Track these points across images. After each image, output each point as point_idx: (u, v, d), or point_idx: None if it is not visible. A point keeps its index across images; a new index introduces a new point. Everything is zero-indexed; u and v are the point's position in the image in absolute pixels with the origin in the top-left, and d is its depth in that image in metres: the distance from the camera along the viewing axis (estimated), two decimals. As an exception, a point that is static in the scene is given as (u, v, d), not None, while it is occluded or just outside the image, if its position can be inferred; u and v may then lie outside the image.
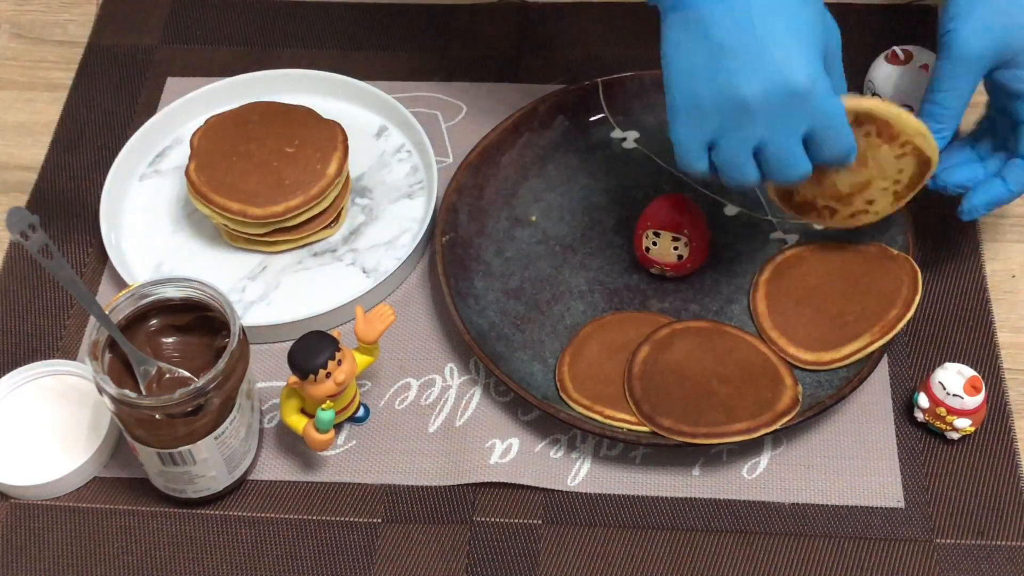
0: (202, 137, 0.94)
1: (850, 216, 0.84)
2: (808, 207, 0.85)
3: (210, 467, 0.78)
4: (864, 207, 0.83)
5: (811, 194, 0.84)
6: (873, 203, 0.83)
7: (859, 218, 0.84)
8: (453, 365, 0.88)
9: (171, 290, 0.78)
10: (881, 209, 0.84)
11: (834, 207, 0.84)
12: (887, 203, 0.83)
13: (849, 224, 0.85)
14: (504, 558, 0.79)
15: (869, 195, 0.83)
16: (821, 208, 0.84)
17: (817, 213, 0.85)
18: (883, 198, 0.83)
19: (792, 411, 0.80)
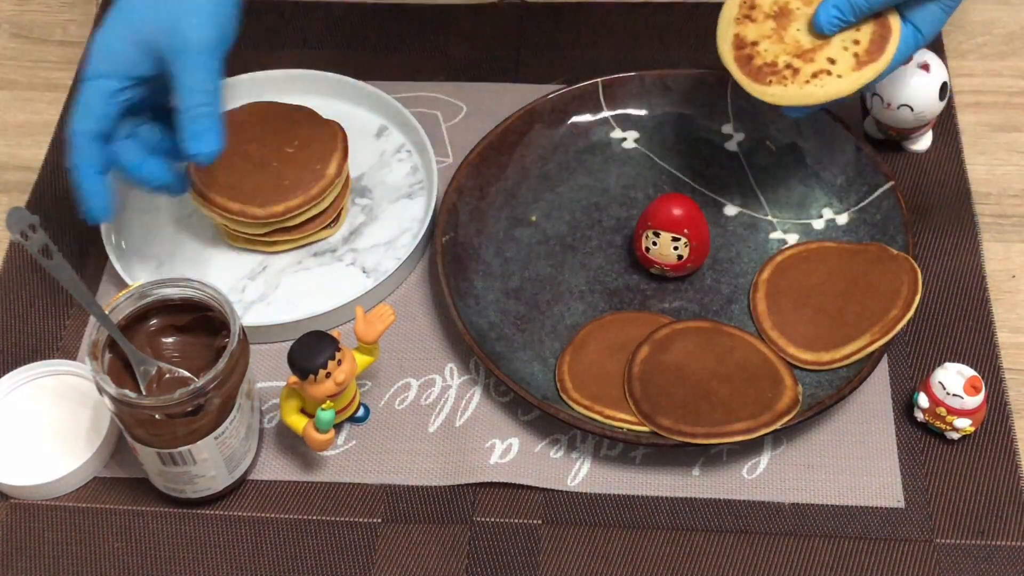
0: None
1: (812, 76, 0.81)
2: (769, 71, 0.82)
3: (210, 467, 0.78)
4: (826, 66, 0.81)
5: (772, 54, 0.82)
6: (835, 63, 0.81)
7: (821, 79, 0.81)
8: (453, 365, 0.88)
9: (171, 290, 0.78)
10: (843, 71, 0.81)
11: (796, 65, 0.81)
12: (848, 65, 0.81)
13: (810, 93, 0.81)
14: (504, 558, 0.79)
15: (830, 52, 0.81)
16: (782, 69, 0.81)
17: (779, 77, 0.81)
18: (844, 58, 0.81)
19: (792, 411, 0.80)
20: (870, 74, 0.81)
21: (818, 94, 0.81)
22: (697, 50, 1.06)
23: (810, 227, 0.92)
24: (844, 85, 0.81)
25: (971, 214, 0.94)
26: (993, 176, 0.97)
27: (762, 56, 0.82)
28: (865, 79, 0.81)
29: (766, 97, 0.82)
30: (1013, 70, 1.04)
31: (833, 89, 0.81)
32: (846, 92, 0.81)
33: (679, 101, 0.98)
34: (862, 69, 0.81)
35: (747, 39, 0.83)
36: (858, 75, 0.80)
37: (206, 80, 0.79)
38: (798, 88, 0.81)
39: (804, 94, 0.81)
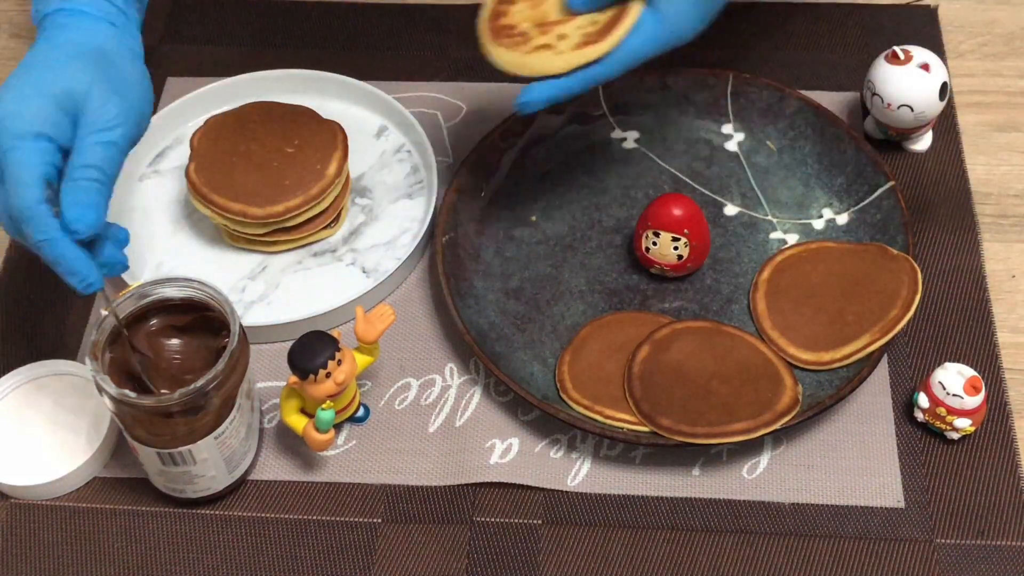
0: (202, 137, 0.94)
1: (536, 48, 0.80)
2: (507, 32, 0.82)
3: (210, 467, 0.78)
4: (554, 41, 0.80)
5: (520, 17, 0.82)
6: (564, 39, 0.80)
7: (541, 53, 0.80)
8: (453, 365, 0.88)
9: (171, 290, 0.78)
10: (565, 48, 0.80)
11: (532, 34, 0.81)
12: (572, 44, 0.80)
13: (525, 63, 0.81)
14: (504, 558, 0.79)
15: (565, 29, 0.81)
16: (517, 34, 0.81)
17: (512, 40, 0.81)
18: (574, 37, 0.80)
19: (792, 411, 0.80)
20: (587, 55, 0.79)
21: (531, 65, 0.80)
22: (697, 50, 1.05)
23: (810, 227, 0.92)
24: (558, 62, 0.80)
25: (971, 214, 0.94)
26: (993, 176, 0.97)
27: (510, 16, 0.82)
28: (579, 60, 0.79)
29: (490, 55, 0.82)
30: (1013, 70, 1.04)
31: (547, 63, 0.80)
32: (558, 69, 0.80)
33: (679, 101, 0.98)
34: (582, 49, 0.79)
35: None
36: (574, 55, 0.79)
37: (103, 156, 0.74)
38: (519, 56, 0.81)
39: (520, 62, 0.80)
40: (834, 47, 1.05)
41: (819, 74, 1.03)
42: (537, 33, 0.81)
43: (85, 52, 0.77)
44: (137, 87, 0.79)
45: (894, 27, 1.06)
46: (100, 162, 0.74)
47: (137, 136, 0.78)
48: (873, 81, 0.94)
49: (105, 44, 0.79)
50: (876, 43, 1.05)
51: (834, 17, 1.08)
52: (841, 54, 1.05)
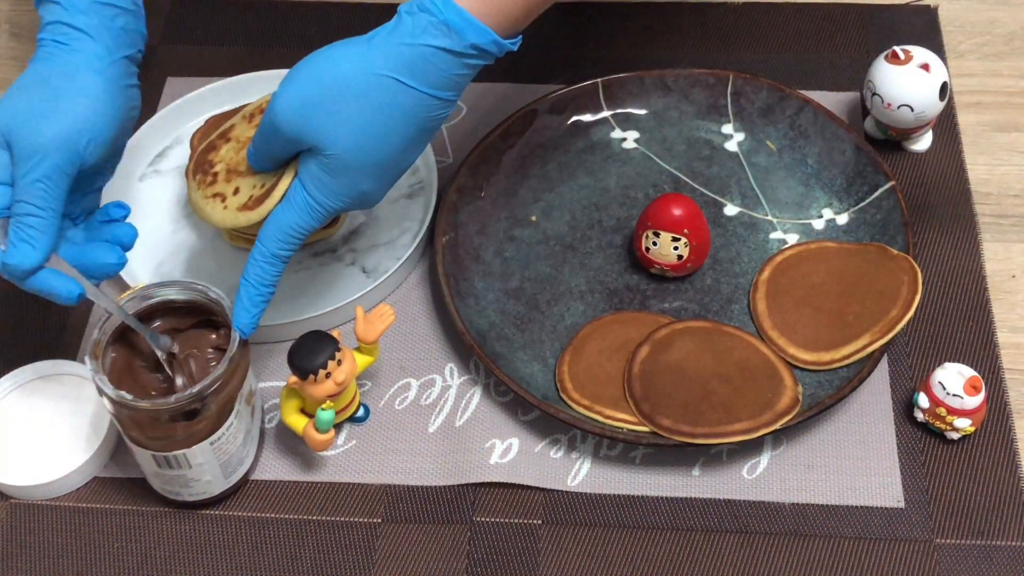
0: (202, 137, 0.94)
1: (214, 195, 0.82)
2: (207, 168, 0.84)
3: (205, 472, 0.78)
4: (228, 192, 0.82)
5: (223, 158, 0.84)
6: (237, 194, 0.81)
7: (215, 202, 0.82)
8: (453, 365, 0.88)
9: (175, 292, 0.78)
10: (232, 205, 0.81)
11: (220, 178, 0.83)
12: (240, 202, 0.81)
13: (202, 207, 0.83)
14: (504, 558, 0.79)
15: (243, 183, 0.81)
16: (208, 174, 0.83)
17: (204, 179, 0.83)
18: (244, 194, 0.81)
19: (792, 411, 0.80)
20: (240, 219, 0.80)
21: (205, 212, 0.83)
22: (697, 50, 1.06)
23: (810, 227, 0.92)
24: (221, 217, 0.82)
25: (971, 214, 0.94)
26: (993, 176, 0.97)
27: (217, 153, 0.84)
28: (233, 222, 0.81)
29: (189, 189, 0.85)
30: (1013, 70, 1.04)
31: (215, 215, 0.82)
32: (218, 224, 0.82)
33: (679, 101, 0.98)
34: (242, 212, 0.81)
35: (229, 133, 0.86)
36: (234, 215, 0.81)
37: (35, 192, 0.73)
38: (201, 197, 0.83)
39: (197, 204, 0.83)
40: (834, 47, 1.05)
41: (819, 74, 1.03)
42: (223, 179, 0.82)
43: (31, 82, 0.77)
44: (83, 104, 0.76)
45: (894, 27, 1.06)
46: (33, 198, 0.74)
47: (90, 155, 0.76)
48: (873, 81, 0.94)
49: (60, 65, 0.77)
50: (876, 43, 1.05)
51: (834, 17, 1.08)
52: (841, 54, 1.05)
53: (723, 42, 1.06)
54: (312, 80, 0.74)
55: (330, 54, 0.75)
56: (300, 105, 0.74)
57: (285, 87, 0.75)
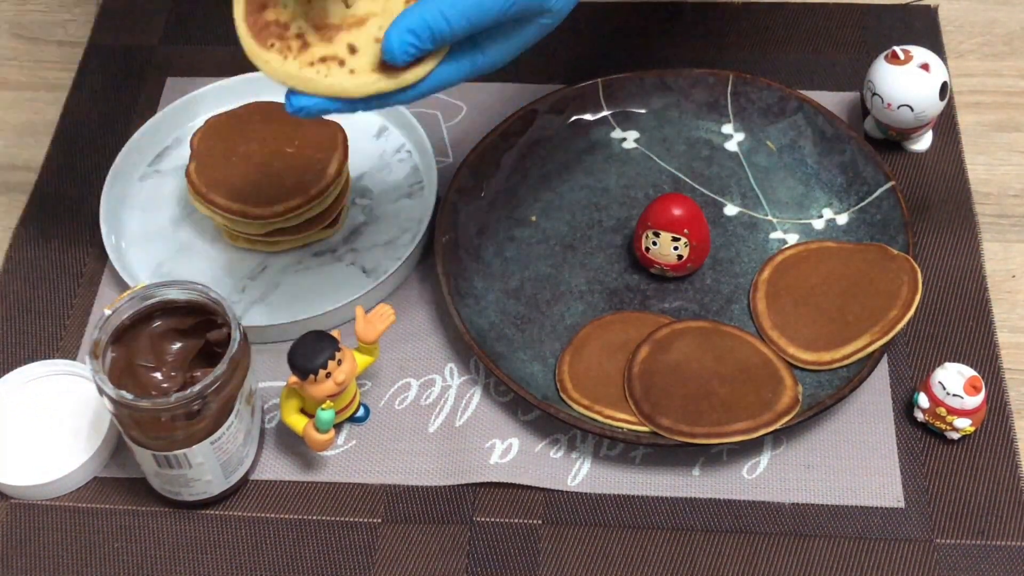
0: (202, 137, 0.94)
1: (320, 60, 0.65)
2: (276, 32, 0.66)
3: (206, 471, 0.78)
4: (343, 54, 0.65)
5: (289, 13, 0.66)
6: (356, 54, 0.65)
7: (328, 67, 0.65)
8: (453, 365, 0.88)
9: (175, 292, 0.78)
10: (359, 67, 0.65)
11: (309, 39, 0.65)
12: (369, 62, 0.65)
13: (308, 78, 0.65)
14: (504, 558, 0.79)
15: (356, 37, 0.66)
16: (291, 37, 0.65)
17: (284, 44, 0.65)
18: (369, 50, 0.65)
19: (792, 411, 0.80)
20: (389, 84, 0.66)
21: (318, 83, 0.65)
22: (697, 50, 1.06)
23: (810, 227, 0.92)
24: (350, 84, 0.65)
25: (971, 214, 0.94)
26: (993, 176, 0.97)
27: (276, 11, 0.66)
28: (380, 87, 0.66)
29: (259, 62, 0.66)
30: (1013, 70, 1.04)
31: (336, 83, 0.65)
32: (352, 93, 0.66)
33: (679, 101, 0.98)
34: (382, 73, 0.66)
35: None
36: (372, 79, 0.66)
37: None
38: (296, 67, 0.65)
39: (302, 77, 0.65)
40: (834, 47, 1.05)
41: (819, 74, 1.03)
42: (317, 39, 0.66)
43: None
44: None
45: (894, 27, 1.06)
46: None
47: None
48: (873, 81, 0.94)
49: None
50: (876, 43, 1.05)
51: (834, 17, 1.08)
52: (841, 54, 1.05)
53: (723, 42, 1.06)
54: None
55: None
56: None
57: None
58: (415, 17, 0.65)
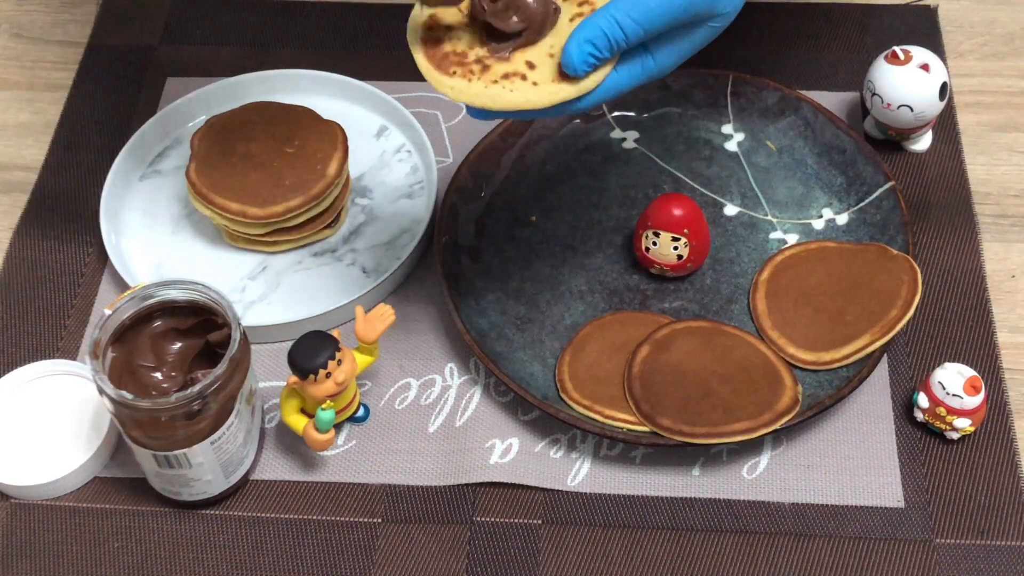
0: (202, 137, 0.94)
1: (503, 76, 0.69)
2: (456, 60, 0.70)
3: (206, 471, 0.78)
4: (523, 69, 0.69)
5: (465, 43, 0.70)
6: (535, 68, 0.69)
7: (512, 82, 0.69)
8: (453, 365, 0.88)
9: (175, 292, 0.78)
10: (541, 79, 0.69)
11: (488, 62, 0.70)
12: (549, 74, 0.69)
13: (496, 94, 0.69)
14: (504, 558, 0.79)
15: (532, 55, 0.70)
16: (471, 63, 0.70)
17: (465, 70, 0.70)
18: (546, 65, 0.69)
19: (792, 411, 0.80)
20: (571, 90, 0.69)
21: (505, 97, 0.69)
22: (697, 50, 1.06)
23: (810, 227, 0.92)
24: (537, 95, 0.69)
25: (971, 214, 0.94)
26: (993, 176, 0.97)
27: (452, 43, 0.71)
28: (564, 95, 0.69)
29: (445, 89, 0.70)
30: (1013, 70, 1.04)
31: (523, 96, 0.69)
32: (538, 103, 0.70)
33: (679, 101, 0.98)
34: (563, 82, 0.69)
35: (441, 24, 0.72)
36: (556, 88, 0.69)
37: None
38: (483, 86, 0.70)
39: (489, 94, 0.70)
40: (834, 47, 1.05)
41: (819, 74, 1.03)
42: (495, 61, 0.70)
43: None
44: None
45: (894, 27, 1.06)
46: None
47: None
48: (873, 81, 0.94)
49: None
50: (876, 43, 1.05)
51: (834, 17, 1.08)
52: (841, 54, 1.05)
53: (723, 42, 1.06)
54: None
55: None
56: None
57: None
58: (592, 28, 0.68)
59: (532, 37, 0.70)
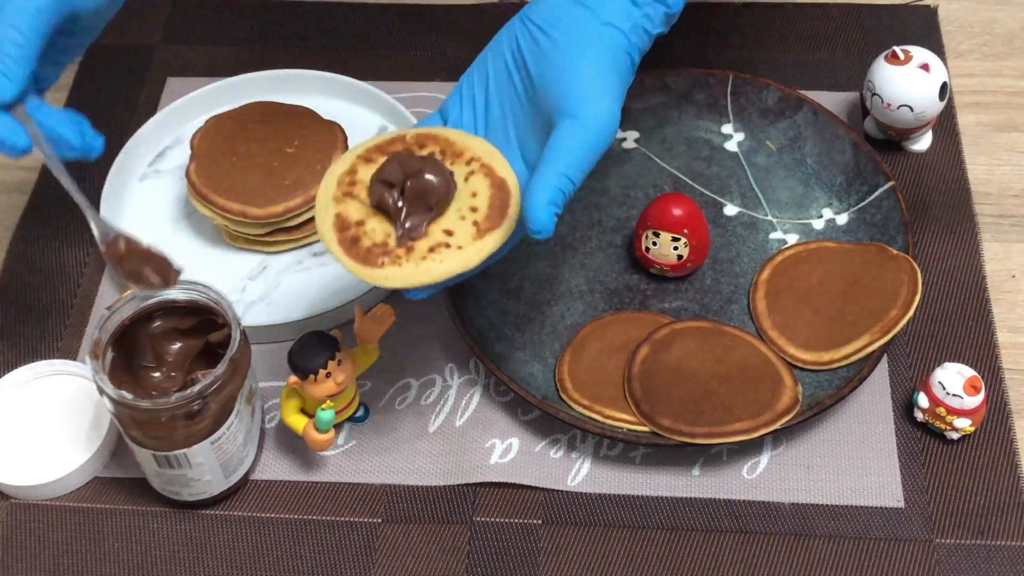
0: (202, 137, 0.94)
1: (429, 251, 0.71)
2: (380, 251, 0.71)
3: (206, 471, 0.78)
4: (443, 239, 0.71)
5: (382, 232, 0.72)
6: (453, 234, 0.71)
7: (440, 253, 0.70)
8: (453, 365, 0.88)
9: (175, 292, 0.78)
10: (463, 242, 0.71)
11: (409, 245, 0.71)
12: (468, 234, 0.71)
13: (429, 269, 0.71)
14: (504, 558, 0.79)
15: (446, 223, 0.72)
16: (394, 249, 0.71)
17: (392, 257, 0.71)
18: (462, 228, 0.71)
19: (792, 411, 0.80)
20: (495, 241, 0.71)
21: (438, 270, 0.70)
22: (697, 50, 1.06)
23: (810, 227, 0.92)
24: (467, 257, 0.71)
25: (971, 214, 0.94)
26: (993, 176, 0.97)
27: (370, 236, 0.72)
28: (489, 248, 0.71)
29: (379, 281, 0.71)
30: (1013, 70, 1.04)
31: (455, 263, 0.71)
32: (471, 264, 0.71)
33: (679, 101, 0.98)
34: (484, 237, 0.71)
35: (351, 219, 0.72)
36: (481, 244, 0.71)
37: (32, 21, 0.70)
38: (414, 266, 0.71)
39: (422, 271, 0.71)
40: (834, 47, 1.05)
41: (819, 74, 1.03)
42: (415, 240, 0.71)
43: None
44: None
45: (894, 27, 1.06)
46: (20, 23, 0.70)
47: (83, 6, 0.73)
48: (873, 81, 0.94)
49: None
50: (876, 43, 1.05)
51: (834, 17, 1.08)
52: (841, 54, 1.05)
53: (723, 42, 1.06)
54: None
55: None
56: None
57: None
58: (551, 191, 0.70)
59: (441, 208, 0.72)
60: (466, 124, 0.77)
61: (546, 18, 0.74)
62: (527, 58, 0.74)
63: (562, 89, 0.72)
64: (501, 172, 0.73)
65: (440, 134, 0.75)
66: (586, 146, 0.71)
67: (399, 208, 0.71)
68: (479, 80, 0.77)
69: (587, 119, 0.71)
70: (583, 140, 0.71)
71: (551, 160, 0.71)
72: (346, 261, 0.71)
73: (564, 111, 0.72)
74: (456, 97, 0.78)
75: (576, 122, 0.71)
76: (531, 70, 0.74)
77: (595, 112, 0.71)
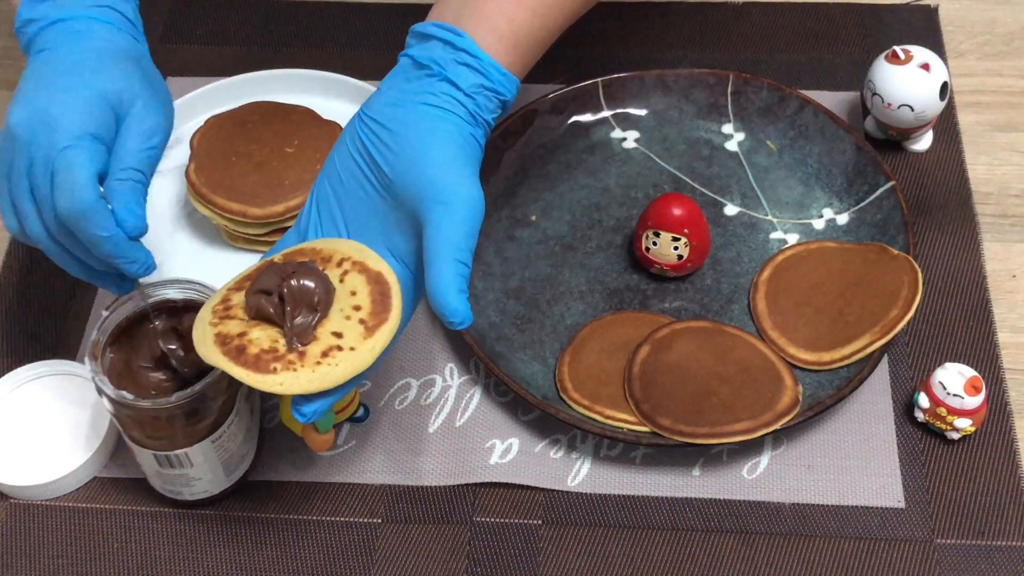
0: (202, 137, 0.94)
1: (322, 355, 0.69)
2: (271, 357, 0.69)
3: (206, 471, 0.78)
4: (334, 341, 0.70)
5: (268, 339, 0.70)
6: (343, 336, 0.70)
7: (334, 356, 0.69)
8: (453, 365, 0.88)
9: (174, 292, 0.78)
10: (355, 342, 0.70)
11: (300, 349, 0.70)
12: (357, 334, 0.71)
13: (326, 373, 0.69)
14: (504, 558, 0.79)
15: (332, 326, 0.71)
16: (285, 356, 0.69)
17: (285, 362, 0.69)
18: (349, 328, 0.71)
19: (792, 411, 0.80)
20: (385, 336, 0.71)
21: (335, 374, 0.69)
22: (697, 50, 1.06)
23: (810, 227, 0.92)
24: (362, 357, 0.70)
25: (971, 214, 0.94)
26: (993, 176, 0.97)
27: (256, 344, 0.70)
28: (382, 344, 0.71)
29: (273, 388, 0.69)
30: (1013, 70, 1.04)
31: (350, 365, 0.70)
32: (366, 364, 0.70)
33: (679, 101, 0.98)
34: (374, 334, 0.71)
35: (231, 333, 0.71)
36: (372, 342, 0.70)
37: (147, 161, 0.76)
38: (310, 371, 0.69)
39: (320, 376, 0.69)
40: (834, 47, 1.05)
41: (819, 74, 1.03)
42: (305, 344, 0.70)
43: (121, 55, 0.77)
44: (166, 94, 0.79)
45: (894, 27, 1.06)
46: (145, 167, 0.75)
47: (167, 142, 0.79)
48: (873, 81, 0.94)
49: (131, 48, 0.78)
50: (876, 43, 1.05)
51: (834, 17, 1.08)
52: (841, 54, 1.05)
53: (723, 42, 1.06)
54: None
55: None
56: None
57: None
58: (453, 279, 0.70)
59: (325, 310, 0.71)
60: (327, 231, 0.76)
61: (385, 114, 0.75)
62: (375, 155, 0.74)
63: (421, 180, 0.72)
64: (375, 266, 0.73)
65: (306, 246, 0.75)
66: (465, 228, 0.72)
67: (283, 311, 0.70)
68: (331, 185, 0.76)
69: (457, 203, 0.71)
70: (460, 223, 0.71)
71: (439, 251, 0.71)
72: (235, 370, 0.69)
73: (431, 199, 0.72)
74: (310, 208, 0.77)
75: (448, 208, 0.71)
76: (382, 166, 0.74)
77: (464, 194, 0.72)
